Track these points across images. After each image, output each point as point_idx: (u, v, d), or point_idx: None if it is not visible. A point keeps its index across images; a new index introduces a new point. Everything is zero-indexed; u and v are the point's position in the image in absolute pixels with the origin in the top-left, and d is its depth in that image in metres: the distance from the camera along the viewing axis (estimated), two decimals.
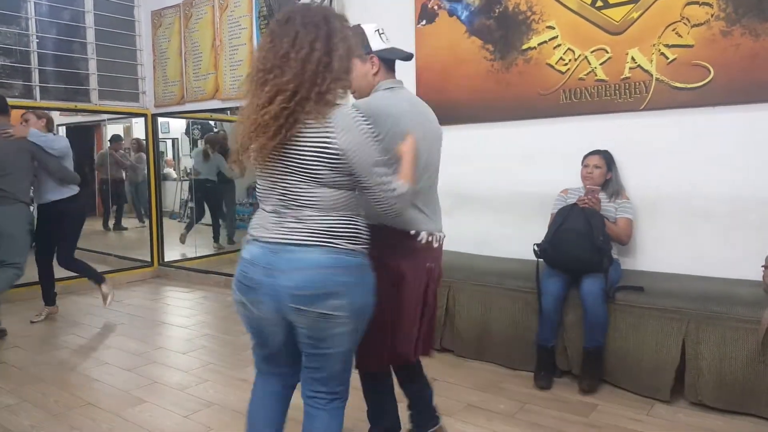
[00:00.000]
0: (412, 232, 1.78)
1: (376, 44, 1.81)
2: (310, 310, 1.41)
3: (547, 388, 2.67)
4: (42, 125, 3.78)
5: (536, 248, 2.77)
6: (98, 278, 3.99)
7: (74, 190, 3.82)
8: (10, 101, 4.83)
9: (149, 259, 5.53)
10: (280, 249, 1.42)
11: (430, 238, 1.81)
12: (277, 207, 1.45)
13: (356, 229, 1.47)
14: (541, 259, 2.79)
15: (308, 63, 1.37)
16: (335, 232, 1.42)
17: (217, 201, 6.44)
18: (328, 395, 1.57)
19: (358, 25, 1.81)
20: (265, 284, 1.43)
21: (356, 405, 2.59)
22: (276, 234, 1.43)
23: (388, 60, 1.84)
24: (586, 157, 2.98)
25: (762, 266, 2.51)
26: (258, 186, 1.51)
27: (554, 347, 2.73)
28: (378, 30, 1.84)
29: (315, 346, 1.49)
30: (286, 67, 1.37)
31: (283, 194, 1.44)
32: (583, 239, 2.66)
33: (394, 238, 1.75)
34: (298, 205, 1.42)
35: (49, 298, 4.03)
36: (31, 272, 4.48)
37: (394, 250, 1.76)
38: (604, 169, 2.91)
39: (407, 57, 1.90)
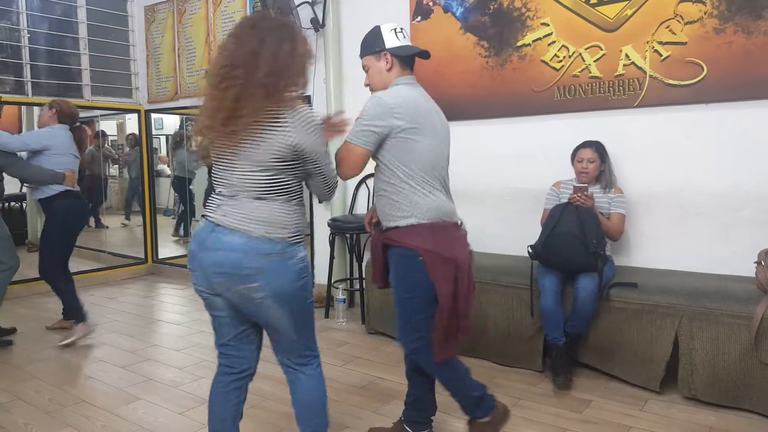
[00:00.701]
0: (459, 221, 1.95)
1: (390, 42, 1.91)
2: (232, 289, 1.58)
3: (567, 388, 2.62)
4: (50, 115, 3.43)
5: (530, 250, 2.77)
6: (78, 315, 3.41)
7: (61, 187, 3.35)
8: (1, 97, 4.81)
9: (143, 256, 5.51)
10: (213, 228, 1.59)
11: (462, 223, 1.98)
12: (222, 190, 1.61)
13: (282, 218, 1.58)
14: (536, 261, 2.80)
15: (274, 60, 1.52)
16: (257, 220, 1.55)
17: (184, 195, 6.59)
18: (297, 362, 1.73)
19: (377, 26, 1.94)
20: (197, 257, 1.61)
21: (349, 401, 2.59)
22: (215, 215, 1.60)
23: (402, 57, 1.91)
24: (578, 150, 2.95)
25: (755, 262, 2.53)
26: (213, 170, 1.64)
27: (561, 342, 2.68)
28: (395, 29, 1.93)
29: (257, 320, 1.68)
30: (252, 63, 1.51)
31: (229, 179, 1.58)
32: (576, 243, 2.65)
33: (445, 231, 1.90)
34: (237, 190, 1.57)
35: (69, 312, 3.50)
36: (27, 270, 4.44)
37: (449, 241, 1.89)
38: (598, 162, 2.89)
39: (423, 54, 1.97)
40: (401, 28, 1.96)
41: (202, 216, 1.66)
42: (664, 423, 2.31)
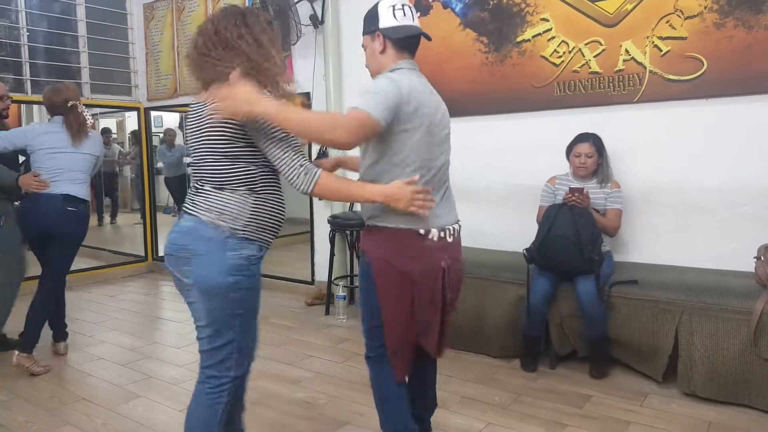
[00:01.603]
0: (422, 230, 1.70)
1: (385, 21, 1.71)
2: (171, 270, 1.57)
3: (533, 371, 2.79)
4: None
5: (525, 254, 2.77)
6: (24, 345, 2.92)
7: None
8: (12, 96, 4.79)
9: (143, 254, 5.51)
10: (181, 216, 1.59)
11: (442, 234, 1.73)
12: (195, 181, 1.59)
13: (237, 209, 1.51)
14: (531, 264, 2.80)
15: (209, 37, 1.52)
16: (210, 207, 1.52)
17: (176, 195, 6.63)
18: (201, 372, 1.59)
19: (375, 4, 1.76)
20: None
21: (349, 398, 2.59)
22: (186, 204, 1.59)
23: (395, 39, 1.72)
24: (575, 144, 2.91)
25: (754, 258, 2.52)
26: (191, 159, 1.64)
27: (540, 337, 2.80)
28: (393, 5, 1.72)
29: (190, 309, 1.59)
30: (196, 41, 1.55)
31: (197, 170, 1.57)
32: (571, 247, 2.63)
33: (402, 238, 1.69)
34: (203, 180, 1.55)
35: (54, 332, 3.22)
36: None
37: (404, 251, 1.70)
38: (596, 157, 2.87)
39: (418, 35, 1.76)
40: (402, 5, 1.73)
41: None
42: (663, 418, 2.31)
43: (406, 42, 1.74)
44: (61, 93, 3.06)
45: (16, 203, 3.12)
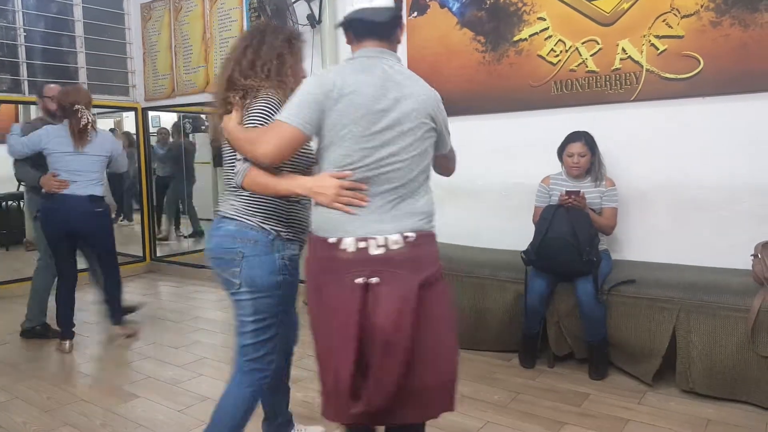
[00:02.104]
0: (331, 239, 1.43)
1: (345, 12, 1.55)
2: (218, 273, 1.66)
3: (531, 367, 2.83)
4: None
5: (523, 256, 2.77)
6: (117, 319, 3.43)
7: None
8: None
9: (141, 254, 5.51)
10: (219, 220, 1.68)
11: (362, 245, 1.40)
12: (229, 184, 1.66)
13: (278, 211, 1.65)
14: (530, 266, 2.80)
15: (250, 52, 1.68)
16: (255, 211, 1.63)
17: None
18: (237, 366, 1.71)
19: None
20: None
21: None
22: (222, 207, 1.70)
23: (351, 27, 1.53)
24: (567, 144, 2.88)
25: (751, 255, 2.53)
26: (224, 165, 1.72)
27: (538, 333, 2.83)
28: None
29: (234, 307, 1.69)
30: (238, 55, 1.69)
31: (228, 173, 1.65)
32: (569, 249, 2.63)
33: (314, 245, 1.48)
34: (235, 184, 1.59)
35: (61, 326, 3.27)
36: (26, 269, 4.42)
37: (317, 263, 1.47)
38: (589, 156, 2.84)
39: (375, 14, 1.48)
40: None
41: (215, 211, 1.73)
42: (661, 416, 2.32)
43: (362, 28, 1.51)
44: (69, 96, 3.15)
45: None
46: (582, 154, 2.84)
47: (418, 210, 1.46)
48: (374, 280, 1.38)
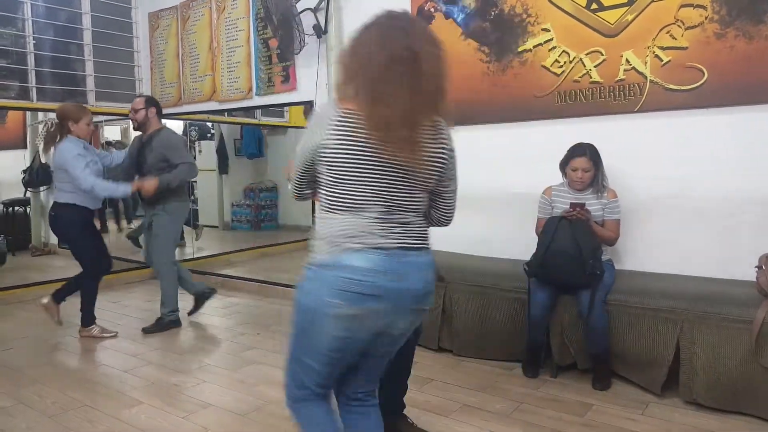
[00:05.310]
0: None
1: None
2: (425, 309, 1.52)
3: (534, 377, 2.82)
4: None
5: (526, 268, 2.77)
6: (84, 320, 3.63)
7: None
8: (6, 102, 4.85)
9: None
10: (404, 254, 1.43)
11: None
12: (379, 213, 1.41)
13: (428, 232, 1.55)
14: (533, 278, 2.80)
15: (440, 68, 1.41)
16: (425, 236, 1.51)
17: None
18: (372, 392, 1.62)
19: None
20: (392, 290, 1.40)
21: None
22: (396, 240, 1.42)
23: None
24: (571, 157, 2.86)
25: (755, 267, 2.53)
26: (351, 191, 1.40)
27: (542, 344, 2.81)
28: None
29: (396, 343, 1.55)
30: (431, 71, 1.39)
31: (387, 199, 1.41)
32: (573, 263, 2.62)
33: None
34: (404, 210, 1.44)
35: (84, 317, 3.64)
36: (31, 275, 4.45)
37: None
38: (593, 171, 2.83)
39: None
40: None
41: (375, 247, 1.39)
42: (665, 427, 2.31)
43: None
44: (58, 111, 3.54)
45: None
46: (586, 169, 2.81)
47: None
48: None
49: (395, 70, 1.33)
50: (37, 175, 6.00)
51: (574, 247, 2.64)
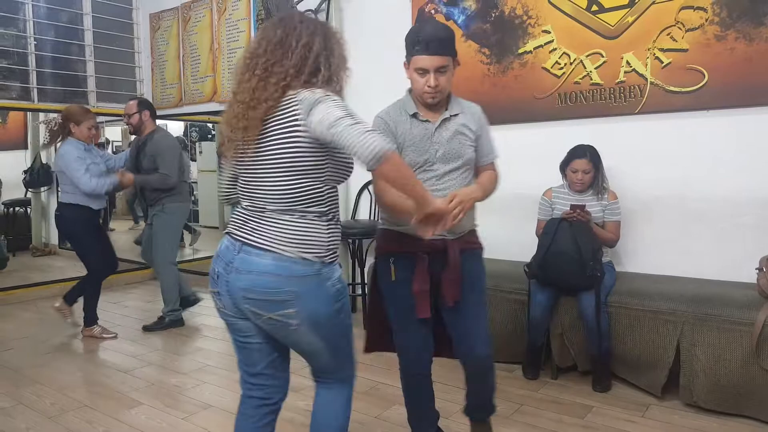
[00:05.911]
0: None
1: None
2: (261, 314, 1.42)
3: (534, 378, 2.83)
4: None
5: (526, 270, 2.77)
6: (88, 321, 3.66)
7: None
8: (8, 103, 4.86)
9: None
10: (241, 248, 1.43)
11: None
12: (247, 203, 1.47)
13: (314, 234, 1.42)
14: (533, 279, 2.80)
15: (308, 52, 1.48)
16: (289, 238, 1.39)
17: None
18: (328, 381, 1.60)
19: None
20: (222, 279, 1.46)
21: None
22: (241, 231, 1.45)
23: None
24: (572, 159, 2.86)
25: (756, 269, 2.53)
26: (240, 180, 1.49)
27: (542, 345, 2.82)
28: None
29: (291, 347, 1.55)
30: (277, 53, 1.43)
31: (252, 190, 1.44)
32: (573, 265, 2.62)
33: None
34: (263, 202, 1.42)
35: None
36: (31, 275, 4.46)
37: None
38: (593, 173, 2.83)
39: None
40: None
41: (226, 233, 1.48)
42: (665, 430, 2.31)
43: None
44: (63, 111, 3.57)
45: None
46: (586, 171, 2.81)
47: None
48: None
49: None
50: (38, 176, 6.02)
51: (574, 249, 2.64)
